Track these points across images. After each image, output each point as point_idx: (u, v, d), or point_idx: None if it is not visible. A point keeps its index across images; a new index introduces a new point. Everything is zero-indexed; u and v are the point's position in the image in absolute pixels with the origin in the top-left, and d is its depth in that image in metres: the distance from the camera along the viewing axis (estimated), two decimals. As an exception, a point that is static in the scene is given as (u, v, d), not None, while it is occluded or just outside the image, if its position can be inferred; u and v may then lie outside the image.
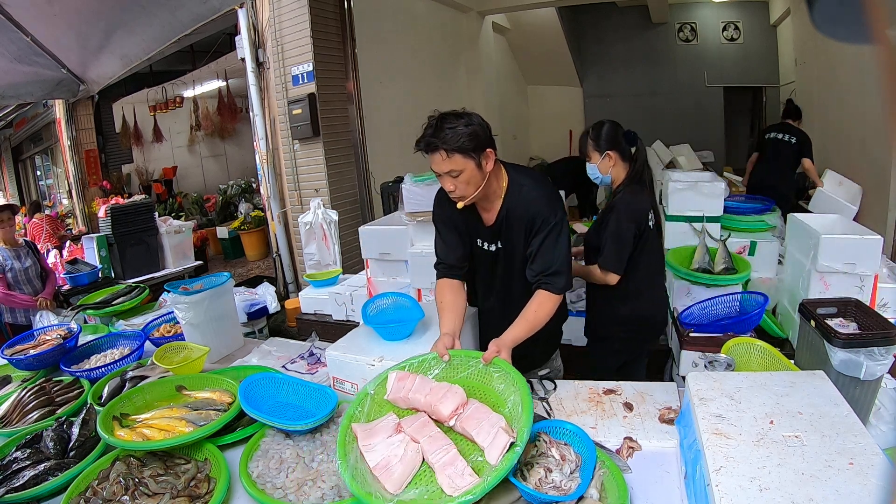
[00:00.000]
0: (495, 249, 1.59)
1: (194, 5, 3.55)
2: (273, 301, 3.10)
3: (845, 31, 0.66)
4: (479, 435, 1.08)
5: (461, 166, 1.38)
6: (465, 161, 1.38)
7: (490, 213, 1.56)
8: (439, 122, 1.38)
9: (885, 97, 0.44)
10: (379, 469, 1.07)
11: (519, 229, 1.52)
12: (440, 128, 1.37)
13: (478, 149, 1.39)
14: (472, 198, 1.45)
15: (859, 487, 0.83)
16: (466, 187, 1.42)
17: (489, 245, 1.60)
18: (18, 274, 3.21)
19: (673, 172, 3.04)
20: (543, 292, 1.48)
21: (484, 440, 1.06)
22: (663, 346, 2.55)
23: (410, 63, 5.70)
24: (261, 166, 4.26)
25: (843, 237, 1.91)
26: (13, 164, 10.63)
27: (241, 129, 7.70)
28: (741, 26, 8.68)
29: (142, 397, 1.53)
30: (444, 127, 1.37)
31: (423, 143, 1.40)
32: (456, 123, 1.37)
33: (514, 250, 1.55)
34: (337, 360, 1.51)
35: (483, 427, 1.09)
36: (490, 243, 1.59)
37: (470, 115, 1.41)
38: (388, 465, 1.07)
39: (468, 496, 0.95)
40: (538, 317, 1.46)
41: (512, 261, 1.57)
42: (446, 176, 1.41)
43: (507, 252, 1.57)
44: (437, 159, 1.39)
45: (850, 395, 1.14)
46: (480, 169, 1.41)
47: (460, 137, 1.36)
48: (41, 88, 4.80)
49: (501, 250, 1.58)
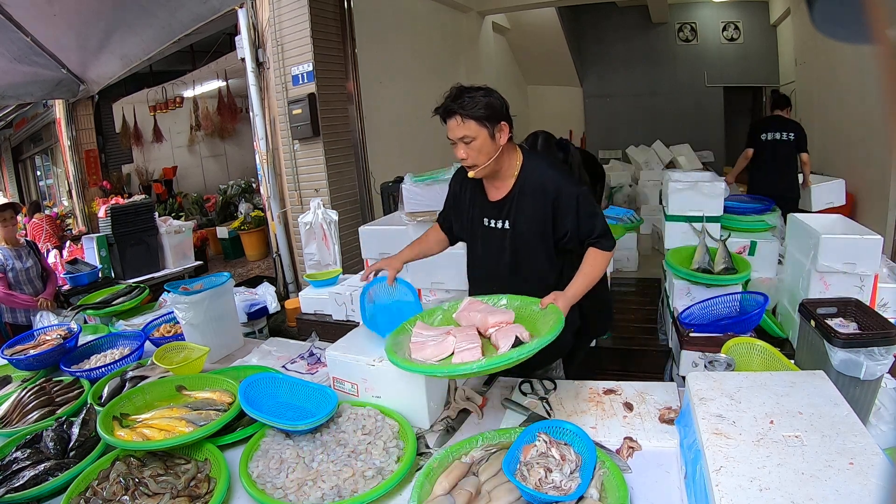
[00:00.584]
0: (503, 227, 1.58)
1: (194, 5, 3.55)
2: (273, 301, 3.10)
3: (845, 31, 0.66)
4: (501, 339, 1.28)
5: (474, 133, 1.44)
6: (478, 128, 1.43)
7: (500, 189, 1.58)
8: (459, 91, 1.45)
9: (885, 97, 0.44)
10: (415, 346, 1.34)
11: (535, 205, 1.52)
12: (459, 96, 1.44)
13: (492, 119, 1.44)
14: (482, 167, 1.49)
15: (859, 487, 0.83)
16: (478, 156, 1.46)
17: (497, 222, 1.59)
18: (19, 274, 3.21)
19: (673, 172, 3.04)
20: (594, 249, 1.50)
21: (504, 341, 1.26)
22: (664, 346, 2.56)
23: (410, 63, 5.70)
24: (261, 166, 4.26)
25: (843, 237, 1.91)
26: (13, 164, 10.64)
27: (241, 129, 7.70)
28: (741, 26, 8.67)
29: (142, 397, 1.53)
30: (463, 95, 1.43)
31: (442, 109, 1.46)
32: (475, 94, 1.44)
33: (524, 228, 1.55)
34: (337, 360, 1.51)
35: (508, 332, 1.29)
36: (497, 220, 1.59)
37: (489, 89, 1.47)
38: (424, 344, 1.33)
39: (464, 367, 1.19)
40: (594, 271, 1.48)
41: (521, 239, 1.56)
42: (459, 143, 1.46)
43: (515, 231, 1.56)
44: (453, 125, 1.45)
45: (850, 395, 1.14)
46: (493, 140, 1.46)
47: (477, 105, 1.42)
48: (41, 88, 4.80)
49: (510, 229, 1.57)
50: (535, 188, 1.52)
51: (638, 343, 2.69)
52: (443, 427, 1.41)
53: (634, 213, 4.01)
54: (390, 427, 1.34)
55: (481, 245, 1.66)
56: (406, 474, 1.18)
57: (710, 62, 8.93)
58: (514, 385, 1.58)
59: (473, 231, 1.67)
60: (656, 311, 2.89)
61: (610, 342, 2.71)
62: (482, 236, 1.64)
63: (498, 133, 1.46)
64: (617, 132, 9.42)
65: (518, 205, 1.54)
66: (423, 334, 1.39)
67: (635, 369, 2.59)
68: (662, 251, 2.77)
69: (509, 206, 1.56)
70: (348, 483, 1.16)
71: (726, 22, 8.73)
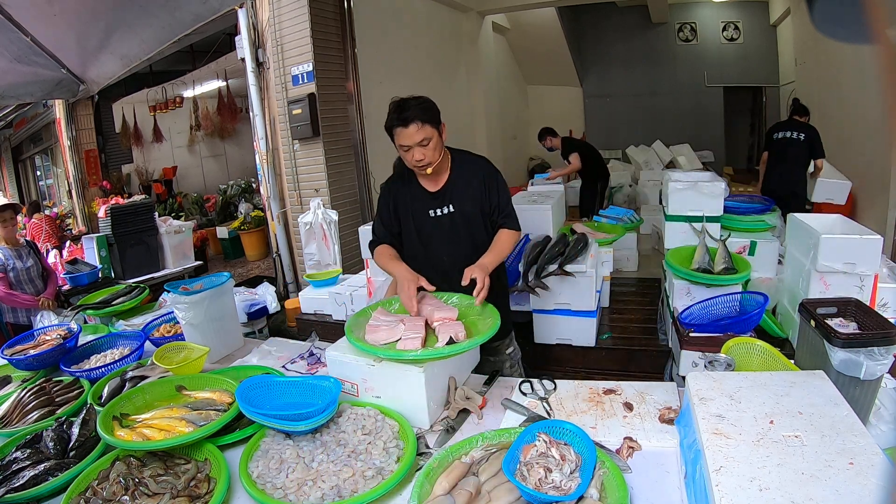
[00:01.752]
0: (448, 212, 1.80)
1: (194, 5, 3.55)
2: (273, 301, 3.10)
3: (845, 31, 0.66)
4: (440, 334, 1.45)
5: (430, 134, 1.64)
6: (432, 130, 1.64)
7: (438, 181, 1.79)
8: (405, 102, 1.64)
9: (885, 97, 0.44)
10: (370, 328, 1.54)
11: (473, 187, 1.78)
12: (408, 106, 1.62)
13: (438, 121, 1.67)
14: (435, 164, 1.69)
15: (859, 487, 0.83)
16: (433, 153, 1.67)
17: (439, 210, 1.80)
18: (20, 273, 3.21)
19: (673, 172, 3.04)
20: (504, 229, 1.78)
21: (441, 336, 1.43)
22: (664, 346, 2.56)
23: (410, 63, 5.70)
24: (261, 166, 4.26)
25: (843, 237, 1.91)
26: (13, 164, 10.64)
27: (241, 129, 7.70)
28: (741, 26, 8.68)
29: (142, 397, 1.53)
30: (410, 104, 1.62)
31: (400, 119, 1.62)
32: (417, 101, 1.64)
33: (467, 207, 1.79)
34: (337, 360, 1.51)
35: (446, 330, 1.45)
36: (440, 207, 1.80)
37: (422, 97, 1.67)
38: (378, 328, 1.53)
39: (406, 353, 1.38)
40: (504, 248, 1.75)
41: (465, 217, 1.79)
42: (416, 147, 1.64)
43: (461, 211, 1.79)
44: (411, 131, 1.62)
45: (850, 395, 1.14)
46: (441, 138, 1.70)
47: (427, 110, 1.63)
48: (41, 88, 4.79)
49: (456, 211, 1.79)
50: (467, 172, 1.78)
51: (638, 343, 2.69)
52: (443, 427, 1.41)
53: (634, 213, 4.01)
54: (390, 427, 1.34)
55: (434, 234, 1.83)
56: (406, 474, 1.18)
57: (710, 62, 8.94)
58: (514, 385, 1.58)
59: (423, 225, 1.83)
60: (656, 311, 2.89)
61: (610, 342, 2.71)
62: (431, 227, 1.82)
63: (442, 131, 1.70)
64: (617, 132, 9.43)
65: (456, 189, 1.78)
66: (380, 318, 1.59)
67: (635, 369, 2.59)
68: (662, 251, 2.77)
69: (449, 192, 1.78)
70: (348, 483, 1.16)
71: (726, 22, 8.74)
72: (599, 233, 3.43)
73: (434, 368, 1.42)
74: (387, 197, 1.88)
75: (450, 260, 1.81)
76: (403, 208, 1.84)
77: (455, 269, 1.68)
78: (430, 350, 1.38)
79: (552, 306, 2.59)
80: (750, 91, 9.25)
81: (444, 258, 1.83)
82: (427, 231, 1.83)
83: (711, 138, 8.87)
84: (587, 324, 2.62)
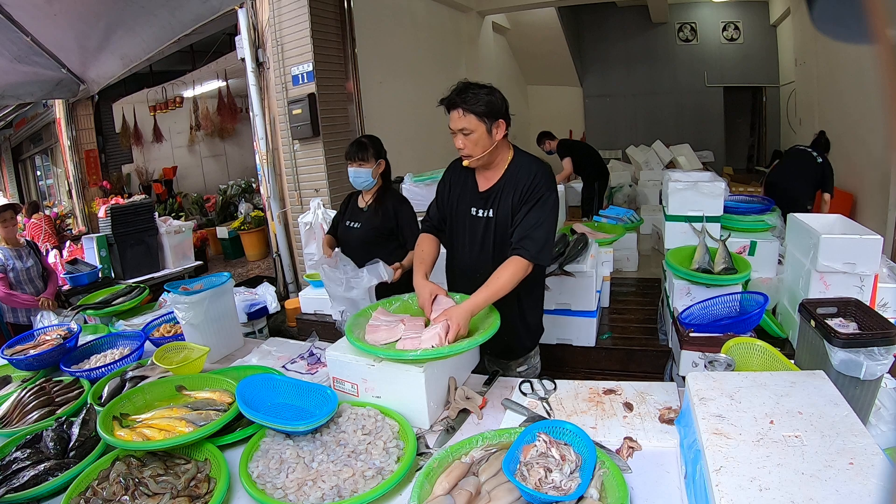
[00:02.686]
0: (487, 216, 1.68)
1: (194, 5, 3.55)
2: (273, 301, 3.10)
3: (845, 31, 0.66)
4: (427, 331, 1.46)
5: (473, 127, 1.56)
6: (477, 123, 1.55)
7: (489, 180, 1.68)
8: (465, 86, 1.57)
9: (885, 97, 0.44)
10: (371, 328, 1.53)
11: (512, 195, 1.63)
12: (464, 90, 1.56)
13: (490, 116, 1.56)
14: (476, 159, 1.60)
15: (859, 487, 0.83)
16: (474, 147, 1.58)
17: (481, 211, 1.70)
18: (20, 273, 3.21)
19: (673, 172, 3.04)
20: (514, 258, 1.55)
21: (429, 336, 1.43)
22: (664, 346, 2.56)
23: (410, 63, 5.70)
24: (261, 166, 4.25)
25: (843, 237, 1.91)
26: (13, 164, 10.64)
27: (241, 129, 7.70)
28: (741, 26, 8.67)
29: (142, 397, 1.53)
30: (467, 90, 1.55)
31: (447, 101, 1.58)
32: (478, 90, 1.56)
33: (502, 216, 1.66)
34: (337, 361, 1.51)
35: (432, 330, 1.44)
36: (483, 209, 1.69)
37: (492, 88, 1.59)
38: (378, 328, 1.53)
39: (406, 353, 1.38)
40: (502, 284, 1.52)
41: (500, 228, 1.66)
42: (459, 133, 1.58)
43: (498, 219, 1.66)
44: (455, 116, 1.57)
45: (850, 395, 1.14)
46: (490, 135, 1.58)
47: (478, 102, 1.54)
48: (41, 88, 4.80)
49: (493, 219, 1.67)
50: (517, 180, 1.63)
51: (638, 343, 2.69)
52: (443, 427, 1.41)
53: (634, 213, 4.01)
54: (390, 427, 1.34)
55: (467, 235, 1.74)
56: (406, 474, 1.18)
57: (710, 62, 8.93)
58: (515, 385, 1.58)
59: (461, 221, 1.75)
60: (656, 311, 2.89)
61: (610, 342, 2.71)
62: (469, 226, 1.73)
63: (495, 129, 1.58)
64: (617, 132, 9.43)
65: (502, 195, 1.65)
66: (380, 318, 1.59)
67: (635, 369, 2.59)
68: (662, 251, 2.77)
69: (495, 195, 1.66)
70: (348, 483, 1.16)
71: (726, 22, 8.73)
72: (599, 233, 3.43)
73: (434, 368, 1.42)
74: (450, 174, 1.80)
75: (474, 266, 1.72)
76: (454, 194, 1.77)
77: (477, 274, 1.64)
78: (430, 350, 1.39)
79: (552, 306, 2.59)
80: (750, 91, 9.25)
81: (468, 262, 1.75)
82: (463, 229, 1.75)
83: (711, 138, 8.87)
84: (587, 324, 2.62)
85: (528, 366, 1.87)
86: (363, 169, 2.25)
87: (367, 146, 2.26)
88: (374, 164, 2.26)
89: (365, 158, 2.25)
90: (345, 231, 2.40)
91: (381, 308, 1.69)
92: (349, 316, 1.76)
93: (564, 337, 2.65)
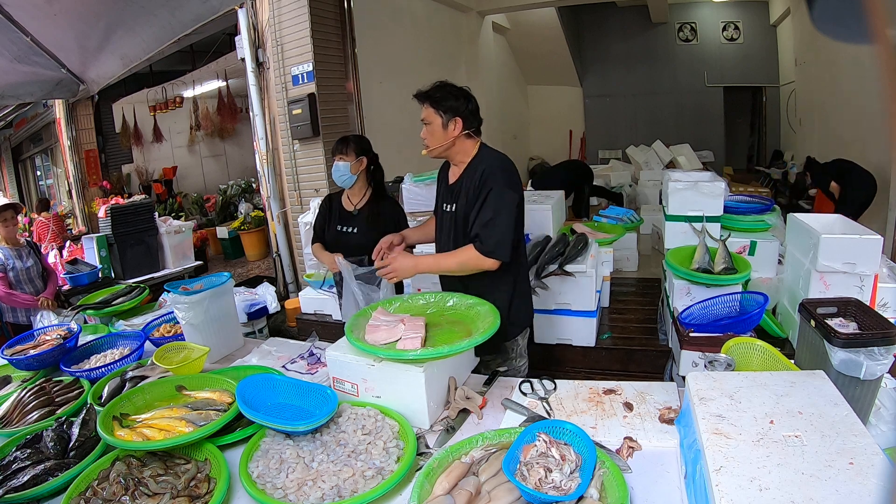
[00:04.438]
0: (452, 210, 1.77)
1: (194, 5, 3.55)
2: (273, 301, 3.10)
3: (845, 31, 0.66)
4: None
5: (430, 119, 1.69)
6: (435, 116, 1.68)
7: (454, 175, 1.79)
8: (440, 84, 1.71)
9: (885, 97, 0.44)
10: (370, 328, 1.53)
11: (470, 189, 1.70)
12: (436, 87, 1.70)
13: (449, 112, 1.67)
14: (432, 149, 1.73)
15: (859, 487, 0.82)
16: (431, 138, 1.71)
17: (448, 206, 1.79)
18: (20, 273, 3.21)
19: (673, 172, 3.04)
20: (470, 245, 1.65)
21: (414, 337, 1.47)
22: (664, 346, 2.56)
23: (410, 63, 5.70)
24: (261, 166, 4.26)
25: (843, 237, 1.91)
26: (13, 164, 10.64)
27: (241, 129, 7.71)
28: (741, 26, 8.67)
29: (142, 397, 1.53)
30: (438, 88, 1.69)
31: (418, 93, 1.71)
32: (448, 89, 1.69)
33: (462, 210, 1.73)
34: (337, 360, 1.51)
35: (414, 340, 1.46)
36: (449, 204, 1.79)
37: (465, 92, 1.71)
38: (378, 328, 1.52)
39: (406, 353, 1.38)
40: (454, 260, 1.67)
41: (461, 221, 1.73)
42: (423, 124, 1.72)
43: (458, 213, 1.74)
44: (422, 108, 1.70)
45: (850, 395, 1.14)
46: (445, 129, 1.69)
47: (442, 98, 1.67)
48: (41, 88, 4.80)
49: (455, 213, 1.76)
50: (474, 173, 1.70)
51: (638, 343, 2.69)
52: (443, 427, 1.41)
53: (634, 213, 4.01)
54: (390, 427, 1.34)
55: (443, 229, 1.84)
56: (406, 474, 1.18)
57: (710, 62, 8.93)
58: (515, 385, 1.58)
59: (439, 216, 1.86)
60: (656, 311, 2.89)
61: (610, 342, 2.71)
62: (444, 221, 1.83)
63: (452, 125, 1.68)
64: (617, 132, 9.43)
65: (462, 189, 1.73)
66: (380, 318, 1.59)
67: (635, 369, 2.59)
68: (662, 251, 2.77)
69: (457, 190, 1.75)
70: (348, 483, 1.15)
71: (726, 22, 8.74)
72: (599, 233, 3.43)
73: (434, 368, 1.42)
74: (440, 172, 1.92)
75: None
76: (439, 190, 1.91)
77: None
78: (430, 350, 1.39)
79: (552, 306, 2.59)
80: (750, 91, 9.25)
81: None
82: (440, 223, 1.86)
83: (711, 138, 8.87)
84: (587, 324, 2.62)
85: (508, 367, 1.86)
86: (342, 163, 2.26)
87: (349, 140, 2.29)
88: (353, 158, 2.26)
89: (345, 152, 2.26)
90: (337, 236, 2.36)
91: (381, 308, 1.69)
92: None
93: (564, 337, 2.65)
